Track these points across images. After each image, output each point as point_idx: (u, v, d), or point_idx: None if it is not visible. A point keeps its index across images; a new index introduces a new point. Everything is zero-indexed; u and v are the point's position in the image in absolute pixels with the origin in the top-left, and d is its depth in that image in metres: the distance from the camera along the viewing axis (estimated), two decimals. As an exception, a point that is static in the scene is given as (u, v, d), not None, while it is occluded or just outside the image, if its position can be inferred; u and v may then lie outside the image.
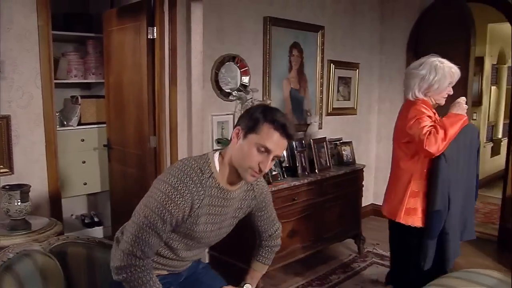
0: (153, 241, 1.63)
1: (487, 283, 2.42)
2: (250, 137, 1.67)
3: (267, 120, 1.66)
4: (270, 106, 1.80)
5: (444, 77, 2.56)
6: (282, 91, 4.13)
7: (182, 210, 1.64)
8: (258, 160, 1.66)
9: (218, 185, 1.74)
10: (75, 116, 4.42)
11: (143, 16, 3.59)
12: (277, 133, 1.66)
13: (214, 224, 1.79)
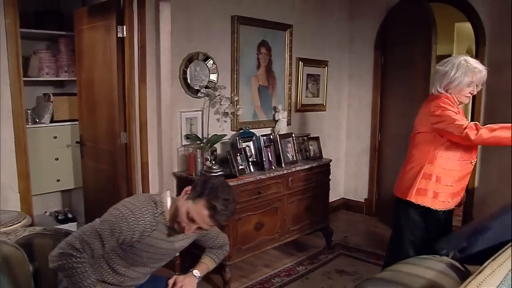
0: (95, 244, 1.81)
1: (436, 267, 2.57)
2: (188, 202, 1.89)
3: (205, 198, 1.86)
4: (225, 187, 1.94)
5: (464, 75, 2.61)
6: (250, 88, 4.24)
7: (132, 232, 1.83)
8: (185, 222, 1.88)
9: (166, 223, 1.95)
10: (48, 113, 4.48)
11: (113, 15, 3.66)
12: (207, 213, 1.85)
13: (165, 255, 2.05)
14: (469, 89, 2.66)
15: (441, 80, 2.69)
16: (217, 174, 3.49)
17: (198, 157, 3.61)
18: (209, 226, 1.92)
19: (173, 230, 1.97)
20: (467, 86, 2.64)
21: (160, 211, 1.94)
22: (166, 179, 3.75)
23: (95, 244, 1.81)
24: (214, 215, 1.85)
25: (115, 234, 1.82)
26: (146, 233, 1.87)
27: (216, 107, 3.87)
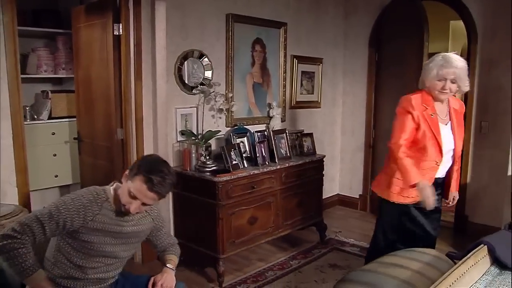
0: (34, 227, 1.87)
1: (423, 259, 2.65)
2: (128, 183, 1.97)
3: (141, 174, 1.94)
4: (158, 162, 2.03)
5: (432, 67, 2.68)
6: (245, 85, 4.31)
7: (71, 216, 1.91)
8: (129, 202, 1.97)
9: (113, 209, 2.04)
10: (46, 110, 4.55)
11: (109, 13, 3.73)
12: (145, 187, 1.92)
13: (117, 239, 2.06)
14: (440, 84, 2.67)
15: (421, 74, 2.81)
16: (211, 169, 3.57)
17: (193, 153, 3.68)
18: (152, 200, 1.98)
19: (120, 214, 2.05)
20: (437, 80, 2.67)
21: (104, 198, 2.03)
22: (161, 174, 3.81)
23: (34, 227, 1.87)
24: (153, 187, 1.93)
25: (53, 217, 1.89)
26: (88, 217, 1.94)
27: (211, 103, 3.94)
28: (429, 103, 2.74)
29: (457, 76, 2.65)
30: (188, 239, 3.76)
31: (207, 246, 3.58)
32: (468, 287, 2.30)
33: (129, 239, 2.13)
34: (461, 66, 2.65)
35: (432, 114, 2.73)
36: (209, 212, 3.49)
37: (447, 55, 2.70)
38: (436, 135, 2.72)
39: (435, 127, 2.73)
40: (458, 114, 2.87)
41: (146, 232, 2.23)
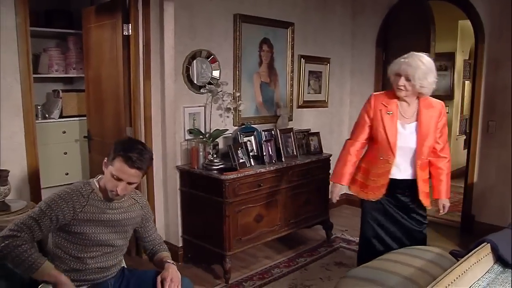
0: (31, 224, 1.96)
1: (426, 257, 2.68)
2: (109, 168, 2.07)
3: (119, 155, 2.03)
4: (132, 142, 2.19)
5: (395, 62, 2.74)
6: (252, 85, 4.36)
7: (63, 211, 2.00)
8: (115, 185, 2.06)
9: (100, 198, 2.12)
10: (57, 109, 4.64)
11: (119, 13, 3.80)
12: (125, 164, 2.02)
13: (108, 227, 2.14)
14: (396, 80, 2.71)
15: None
16: (218, 167, 3.62)
17: (201, 151, 3.74)
18: (135, 177, 2.07)
19: (108, 202, 2.14)
20: (394, 75, 2.72)
21: (90, 190, 2.11)
22: (169, 172, 3.89)
23: (31, 224, 1.95)
24: (133, 164, 2.02)
25: (46, 213, 1.98)
26: (77, 209, 2.03)
27: (218, 102, 3.99)
28: (391, 101, 2.77)
29: (410, 74, 2.63)
30: (195, 236, 3.82)
31: (214, 243, 3.63)
32: (471, 284, 2.33)
33: (120, 226, 2.20)
34: (416, 65, 2.63)
35: (389, 112, 2.76)
36: (216, 210, 3.54)
37: (412, 53, 2.71)
38: (387, 132, 2.74)
39: (388, 125, 2.75)
40: (431, 117, 2.78)
41: (136, 219, 2.30)
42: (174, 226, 3.95)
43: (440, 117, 2.80)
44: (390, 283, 2.29)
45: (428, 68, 2.66)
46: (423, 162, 2.82)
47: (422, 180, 2.86)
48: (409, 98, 2.75)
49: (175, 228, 3.94)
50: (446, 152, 2.90)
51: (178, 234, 3.94)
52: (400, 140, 2.76)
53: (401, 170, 2.84)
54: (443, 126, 2.84)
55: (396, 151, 2.76)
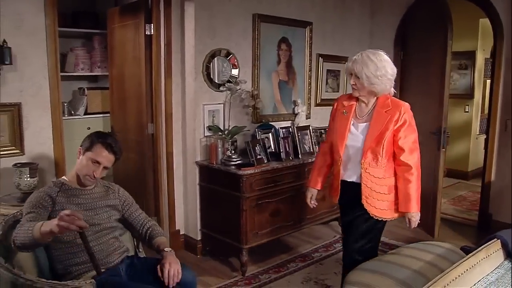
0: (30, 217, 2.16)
1: (436, 252, 2.74)
2: (86, 154, 2.34)
3: (99, 142, 2.34)
4: (106, 133, 2.48)
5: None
6: (271, 83, 4.45)
7: (43, 201, 2.24)
8: (92, 169, 2.33)
9: (71, 187, 2.37)
10: (82, 106, 4.83)
11: (142, 14, 3.94)
12: (104, 149, 2.33)
13: (88, 210, 2.36)
14: (349, 79, 2.67)
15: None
16: (236, 163, 3.73)
17: (219, 147, 3.85)
18: (111, 162, 2.38)
19: (81, 188, 2.39)
20: (348, 74, 2.69)
21: (59, 183, 2.37)
22: (189, 167, 4.02)
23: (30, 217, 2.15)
24: (112, 149, 2.35)
25: (34, 208, 2.20)
26: (53, 195, 2.28)
27: (237, 100, 4.10)
28: (351, 101, 2.72)
29: (357, 71, 2.53)
30: (213, 230, 3.94)
31: (231, 237, 3.74)
32: (479, 279, 2.38)
33: (98, 208, 2.40)
34: (363, 62, 2.52)
35: (344, 112, 2.70)
36: (233, 204, 3.66)
37: (365, 50, 2.61)
38: (337, 131, 2.71)
39: (340, 124, 2.70)
40: (385, 118, 2.58)
41: (114, 203, 2.49)
42: (193, 220, 4.08)
43: (400, 119, 2.58)
44: (398, 275, 2.37)
45: (378, 65, 2.51)
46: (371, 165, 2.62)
47: (370, 185, 2.64)
48: (366, 98, 2.64)
49: (194, 221, 4.07)
50: (411, 159, 2.61)
51: (197, 228, 4.06)
52: (349, 140, 2.66)
53: (349, 172, 2.72)
54: (407, 129, 2.60)
55: (343, 151, 2.67)
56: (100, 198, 2.44)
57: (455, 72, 7.09)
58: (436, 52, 4.56)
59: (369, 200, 2.63)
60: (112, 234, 2.44)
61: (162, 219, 4.09)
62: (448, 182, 6.83)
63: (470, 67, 6.99)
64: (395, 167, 2.66)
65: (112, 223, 2.45)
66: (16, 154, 3.20)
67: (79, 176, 2.37)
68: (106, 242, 2.38)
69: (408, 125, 2.60)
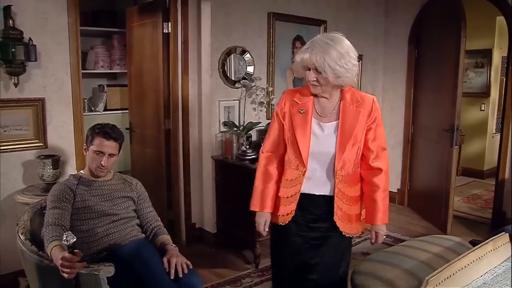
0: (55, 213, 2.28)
1: (444, 244, 2.80)
2: (90, 148, 2.46)
3: (94, 132, 2.46)
4: (102, 124, 2.54)
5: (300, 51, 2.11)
6: (285, 80, 4.54)
7: (65, 194, 2.36)
8: (99, 160, 2.43)
9: (87, 179, 2.50)
10: (102, 102, 4.97)
11: (159, 13, 4.06)
12: (103, 138, 2.42)
13: (107, 201, 2.47)
14: (307, 75, 2.09)
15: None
16: (250, 157, 3.82)
17: (234, 142, 3.95)
18: (114, 148, 2.46)
19: (97, 179, 2.51)
20: (301, 68, 2.11)
21: (78, 176, 2.51)
22: (205, 162, 4.12)
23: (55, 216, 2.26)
24: (110, 135, 2.44)
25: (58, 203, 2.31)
26: (73, 187, 2.40)
27: (252, 97, 4.20)
28: (305, 98, 2.18)
29: (318, 64, 2.01)
30: (228, 223, 4.04)
31: (245, 230, 3.83)
32: (486, 271, 2.44)
33: (115, 198, 2.51)
34: (323, 51, 2.01)
35: (302, 110, 2.16)
36: (247, 198, 3.71)
37: (317, 36, 2.13)
38: (297, 135, 2.15)
39: (299, 125, 2.15)
40: (358, 114, 2.15)
41: (130, 194, 2.59)
42: (208, 213, 4.19)
43: (371, 115, 2.16)
44: (405, 265, 2.44)
45: (341, 51, 2.04)
46: (349, 172, 2.18)
47: (343, 198, 2.19)
48: (329, 92, 2.14)
49: (209, 215, 4.18)
50: (382, 162, 2.22)
51: (212, 222, 4.17)
52: (315, 145, 2.15)
53: (317, 184, 2.20)
54: (377, 127, 2.19)
55: (308, 160, 2.15)
56: (117, 190, 2.56)
57: (471, 70, 7.09)
58: (450, 50, 4.59)
59: (340, 214, 2.19)
60: (130, 223, 2.55)
61: (179, 212, 4.21)
62: (463, 181, 6.83)
63: (487, 65, 6.97)
64: (365, 172, 2.24)
65: (129, 214, 2.56)
66: (39, 147, 3.34)
67: (91, 170, 2.50)
68: (123, 230, 2.48)
69: (379, 123, 2.20)
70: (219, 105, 4.07)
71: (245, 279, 3.62)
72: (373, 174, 2.21)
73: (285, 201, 2.24)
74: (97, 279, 2.00)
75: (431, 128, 5.00)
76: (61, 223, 2.23)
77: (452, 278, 2.24)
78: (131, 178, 2.74)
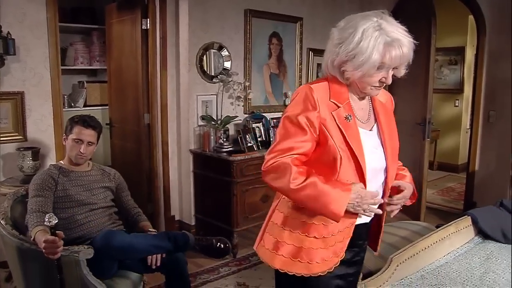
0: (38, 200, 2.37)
1: (412, 229, 2.94)
2: (69, 137, 2.56)
3: (73, 122, 2.58)
4: (78, 114, 2.68)
5: (374, 48, 1.53)
6: (262, 75, 4.65)
7: (48, 183, 2.45)
8: (79, 148, 2.54)
9: (67, 169, 2.60)
10: (82, 98, 5.02)
11: (138, 9, 4.13)
12: (82, 127, 2.55)
13: (86, 191, 2.57)
14: (380, 75, 1.59)
15: (333, 51, 1.63)
16: (227, 149, 3.92)
17: (212, 136, 4.05)
18: (92, 137, 2.58)
19: (77, 170, 2.61)
20: (377, 69, 1.57)
21: (58, 166, 2.61)
22: (183, 155, 4.21)
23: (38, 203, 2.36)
24: (89, 124, 2.57)
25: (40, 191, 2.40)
26: (55, 176, 2.50)
27: (229, 91, 4.30)
28: (341, 98, 1.64)
29: (406, 60, 1.64)
30: (206, 215, 4.14)
31: (223, 221, 3.94)
32: (449, 251, 2.58)
33: (94, 189, 2.60)
34: (408, 42, 1.63)
35: (348, 117, 1.62)
36: (225, 189, 3.85)
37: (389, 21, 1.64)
38: (356, 149, 1.58)
39: (351, 135, 1.60)
40: (388, 112, 1.80)
41: (108, 185, 2.69)
42: (187, 205, 4.28)
43: (392, 109, 1.86)
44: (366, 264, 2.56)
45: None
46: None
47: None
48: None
49: (188, 207, 4.27)
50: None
51: (191, 214, 4.26)
52: (370, 159, 1.63)
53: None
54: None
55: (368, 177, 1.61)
56: (96, 181, 2.65)
57: (445, 67, 7.31)
58: (422, 46, 4.72)
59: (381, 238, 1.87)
60: (107, 212, 2.64)
61: (158, 205, 4.29)
62: (439, 175, 7.03)
63: (460, 62, 7.18)
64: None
65: (107, 203, 2.66)
66: (18, 140, 3.39)
67: (71, 159, 2.59)
68: (101, 218, 2.58)
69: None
70: (197, 100, 4.16)
71: (223, 268, 3.71)
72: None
73: (330, 241, 1.64)
74: (77, 260, 2.08)
75: (406, 122, 5.13)
76: (44, 210, 2.32)
77: (415, 257, 2.38)
78: (109, 169, 2.84)
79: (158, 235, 2.57)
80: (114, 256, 2.37)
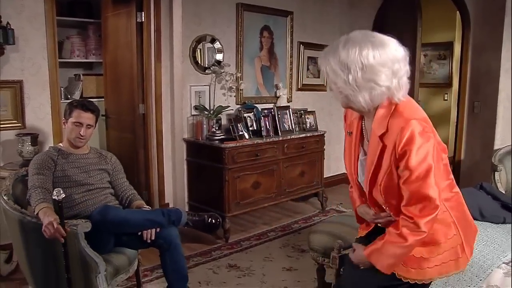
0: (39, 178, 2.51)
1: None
2: (69, 120, 2.69)
3: (73, 106, 2.71)
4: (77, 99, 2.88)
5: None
6: (254, 67, 4.80)
7: (47, 163, 2.61)
8: (78, 131, 2.68)
9: (66, 151, 2.74)
10: (78, 90, 5.15)
11: (133, 2, 4.26)
12: (81, 110, 2.68)
13: (83, 173, 2.72)
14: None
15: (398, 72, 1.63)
16: (219, 137, 4.07)
17: (205, 124, 4.19)
18: (91, 120, 2.71)
19: (75, 152, 2.74)
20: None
21: (57, 148, 2.76)
22: (177, 144, 4.35)
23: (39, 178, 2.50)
24: (88, 107, 2.70)
25: (40, 170, 2.54)
26: (54, 157, 2.65)
27: (222, 82, 4.44)
28: (355, 114, 1.78)
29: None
30: (199, 201, 4.28)
31: (215, 206, 4.07)
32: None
33: (91, 170, 2.75)
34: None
35: (350, 132, 1.81)
36: (217, 176, 3.99)
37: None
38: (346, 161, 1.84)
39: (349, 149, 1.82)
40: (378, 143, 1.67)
41: (105, 167, 2.84)
42: (181, 193, 4.41)
43: (400, 146, 1.59)
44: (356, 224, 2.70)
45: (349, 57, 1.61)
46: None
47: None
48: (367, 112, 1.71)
49: (182, 194, 4.41)
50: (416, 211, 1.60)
51: (184, 201, 4.40)
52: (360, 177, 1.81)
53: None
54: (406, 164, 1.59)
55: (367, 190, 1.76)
56: (93, 163, 2.80)
57: (434, 62, 7.47)
58: (409, 41, 4.90)
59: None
60: (103, 192, 2.78)
61: (152, 193, 4.42)
62: (428, 167, 7.17)
63: (449, 57, 7.34)
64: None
65: (104, 184, 2.81)
66: (17, 127, 3.51)
67: (70, 141, 2.73)
68: (97, 198, 2.72)
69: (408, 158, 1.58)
70: (190, 90, 4.30)
71: (215, 251, 3.86)
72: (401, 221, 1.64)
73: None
74: (75, 233, 2.22)
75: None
76: (45, 187, 2.45)
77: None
78: (106, 152, 3.00)
79: (152, 211, 2.72)
80: (110, 230, 2.51)
